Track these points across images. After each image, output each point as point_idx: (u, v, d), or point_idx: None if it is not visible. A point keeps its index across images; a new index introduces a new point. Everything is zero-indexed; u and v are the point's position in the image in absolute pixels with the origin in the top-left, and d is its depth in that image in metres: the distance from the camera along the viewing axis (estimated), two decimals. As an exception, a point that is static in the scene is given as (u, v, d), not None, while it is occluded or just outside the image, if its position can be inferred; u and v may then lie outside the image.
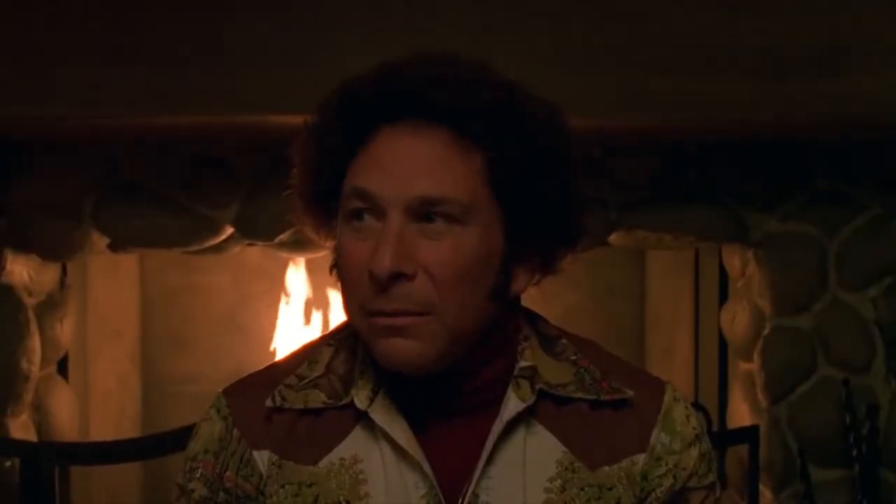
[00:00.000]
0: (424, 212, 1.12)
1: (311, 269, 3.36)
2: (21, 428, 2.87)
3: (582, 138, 1.20)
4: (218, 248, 3.00)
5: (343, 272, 1.17)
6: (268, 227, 2.89)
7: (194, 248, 2.96)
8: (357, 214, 1.15)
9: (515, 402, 1.20)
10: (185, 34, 2.39)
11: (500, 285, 1.17)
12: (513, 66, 1.20)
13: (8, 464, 2.74)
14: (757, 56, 2.47)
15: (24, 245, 2.88)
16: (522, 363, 1.23)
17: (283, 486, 1.20)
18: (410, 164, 1.13)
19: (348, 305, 1.18)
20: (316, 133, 1.19)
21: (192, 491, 1.24)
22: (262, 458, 1.22)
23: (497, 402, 1.21)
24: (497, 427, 1.19)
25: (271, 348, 3.36)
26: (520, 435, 1.21)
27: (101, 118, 2.47)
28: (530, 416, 1.21)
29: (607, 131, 2.66)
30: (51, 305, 3.01)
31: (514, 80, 1.18)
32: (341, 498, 1.19)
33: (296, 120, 1.22)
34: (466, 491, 1.19)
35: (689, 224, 3.06)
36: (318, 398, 1.22)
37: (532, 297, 1.25)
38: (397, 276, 1.11)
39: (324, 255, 3.09)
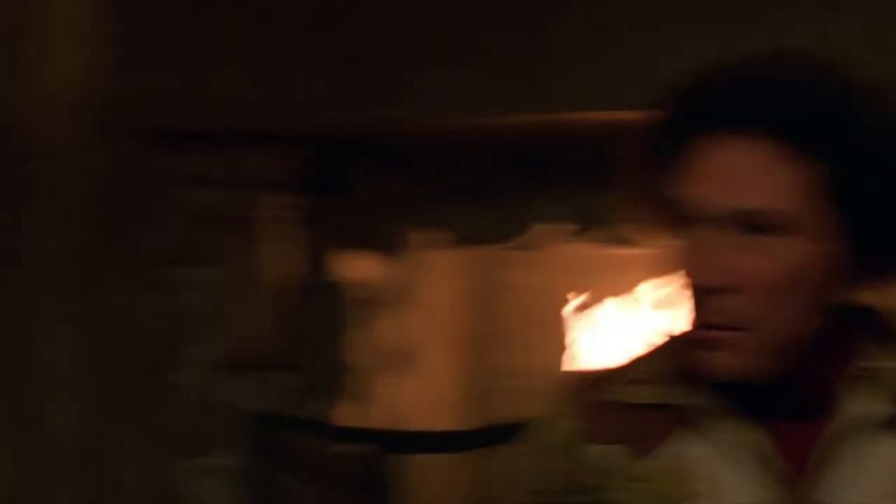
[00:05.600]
0: (745, 223, 1.07)
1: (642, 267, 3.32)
2: (356, 420, 3.00)
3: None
4: (539, 245, 3.02)
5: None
6: (596, 224, 2.88)
7: (523, 244, 3.00)
8: (683, 223, 1.11)
9: (862, 405, 1.12)
10: (512, 39, 2.43)
11: (828, 298, 1.10)
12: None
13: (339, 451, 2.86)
14: None
15: (361, 243, 3.02)
16: (863, 364, 1.14)
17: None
18: (731, 174, 1.08)
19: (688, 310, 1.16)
20: (641, 136, 1.17)
21: (525, 482, 1.25)
22: (597, 452, 1.21)
23: (834, 405, 1.13)
24: (837, 430, 1.12)
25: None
26: (863, 441, 1.12)
27: (440, 120, 2.56)
28: (877, 421, 1.13)
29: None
30: (385, 301, 3.14)
31: (857, 79, 1.10)
32: (671, 495, 1.16)
33: (619, 116, 1.21)
34: (805, 494, 1.12)
35: None
36: (652, 395, 1.20)
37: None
38: (716, 290, 1.08)
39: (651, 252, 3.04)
